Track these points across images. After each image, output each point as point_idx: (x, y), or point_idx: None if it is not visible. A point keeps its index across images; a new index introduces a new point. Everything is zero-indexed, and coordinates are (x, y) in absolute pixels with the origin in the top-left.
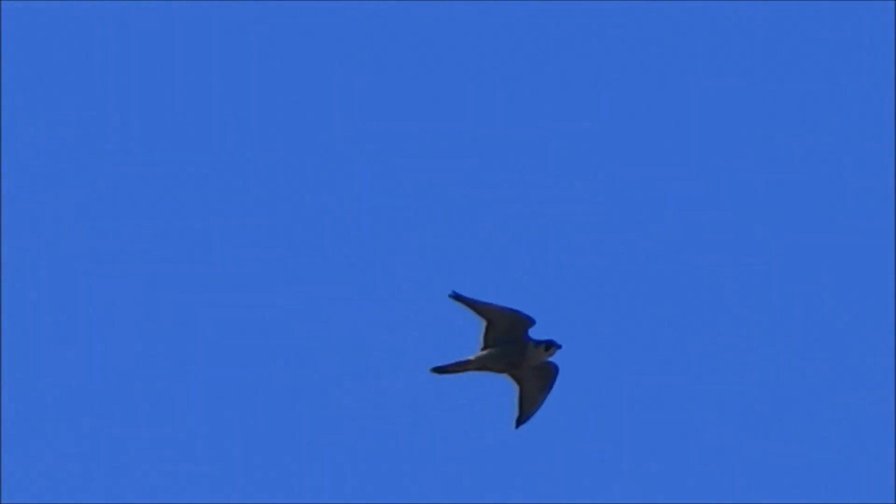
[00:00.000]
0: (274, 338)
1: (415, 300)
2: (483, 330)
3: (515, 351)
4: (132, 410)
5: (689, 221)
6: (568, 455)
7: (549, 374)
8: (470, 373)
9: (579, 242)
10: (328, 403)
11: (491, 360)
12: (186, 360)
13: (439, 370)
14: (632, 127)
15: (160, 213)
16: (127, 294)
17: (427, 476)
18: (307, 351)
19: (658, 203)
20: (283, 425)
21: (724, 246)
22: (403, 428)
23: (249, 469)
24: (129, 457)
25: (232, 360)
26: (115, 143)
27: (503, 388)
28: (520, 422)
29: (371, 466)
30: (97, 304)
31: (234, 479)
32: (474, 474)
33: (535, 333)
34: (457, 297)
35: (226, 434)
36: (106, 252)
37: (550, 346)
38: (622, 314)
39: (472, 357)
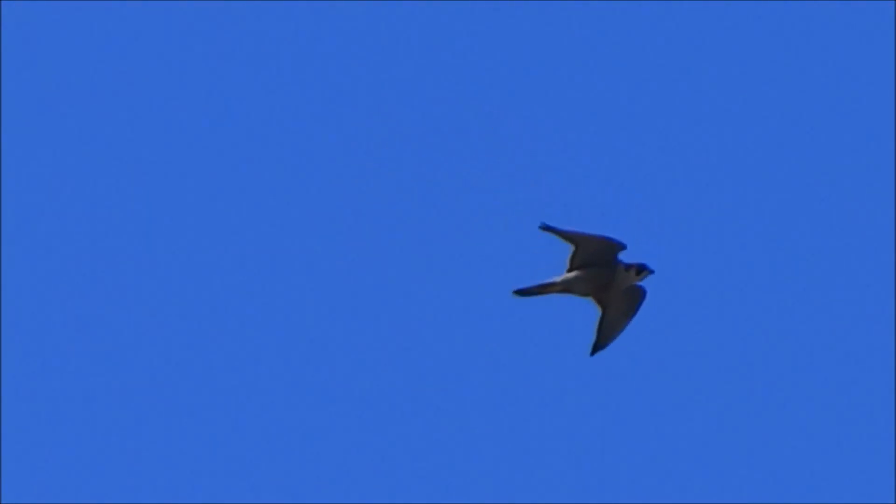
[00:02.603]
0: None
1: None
2: (571, 252)
3: (604, 273)
4: (132, 410)
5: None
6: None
7: (636, 298)
8: (553, 295)
9: None
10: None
11: (578, 283)
12: (185, 359)
13: (522, 293)
14: (630, 127)
15: (158, 213)
16: (126, 294)
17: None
18: None
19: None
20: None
21: (724, 245)
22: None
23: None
24: (128, 457)
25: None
26: (115, 143)
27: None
28: (596, 348)
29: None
30: (96, 304)
31: (234, 478)
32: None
33: (626, 257)
34: (546, 227)
35: (224, 434)
36: (103, 252)
37: (642, 269)
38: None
39: (557, 279)
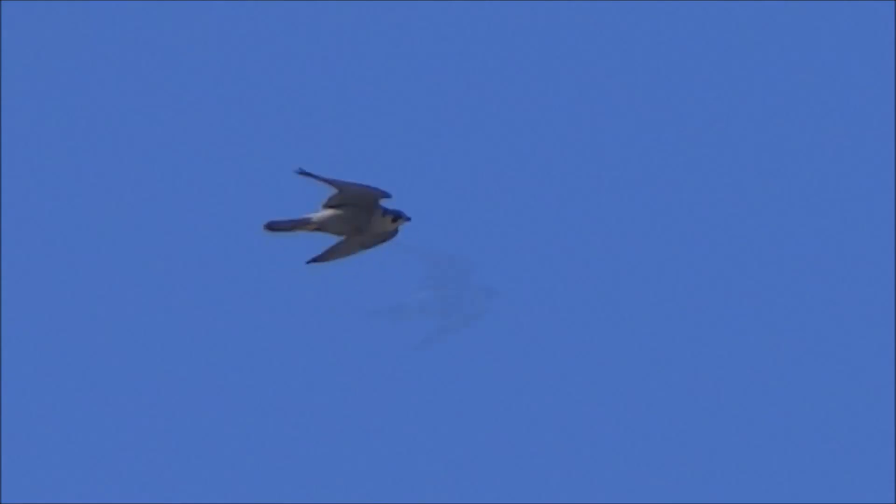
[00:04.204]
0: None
1: None
2: (330, 194)
3: (361, 216)
4: (131, 410)
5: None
6: None
7: (381, 239)
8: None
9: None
10: None
11: (333, 222)
12: (183, 360)
13: (274, 227)
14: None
15: (156, 213)
16: (125, 294)
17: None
18: None
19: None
20: None
21: (722, 245)
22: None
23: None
24: (128, 457)
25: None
26: (114, 143)
27: None
28: (317, 259)
29: None
30: (95, 304)
31: (234, 478)
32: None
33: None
34: (304, 173)
35: (223, 433)
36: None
37: (399, 217)
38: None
39: (312, 216)
